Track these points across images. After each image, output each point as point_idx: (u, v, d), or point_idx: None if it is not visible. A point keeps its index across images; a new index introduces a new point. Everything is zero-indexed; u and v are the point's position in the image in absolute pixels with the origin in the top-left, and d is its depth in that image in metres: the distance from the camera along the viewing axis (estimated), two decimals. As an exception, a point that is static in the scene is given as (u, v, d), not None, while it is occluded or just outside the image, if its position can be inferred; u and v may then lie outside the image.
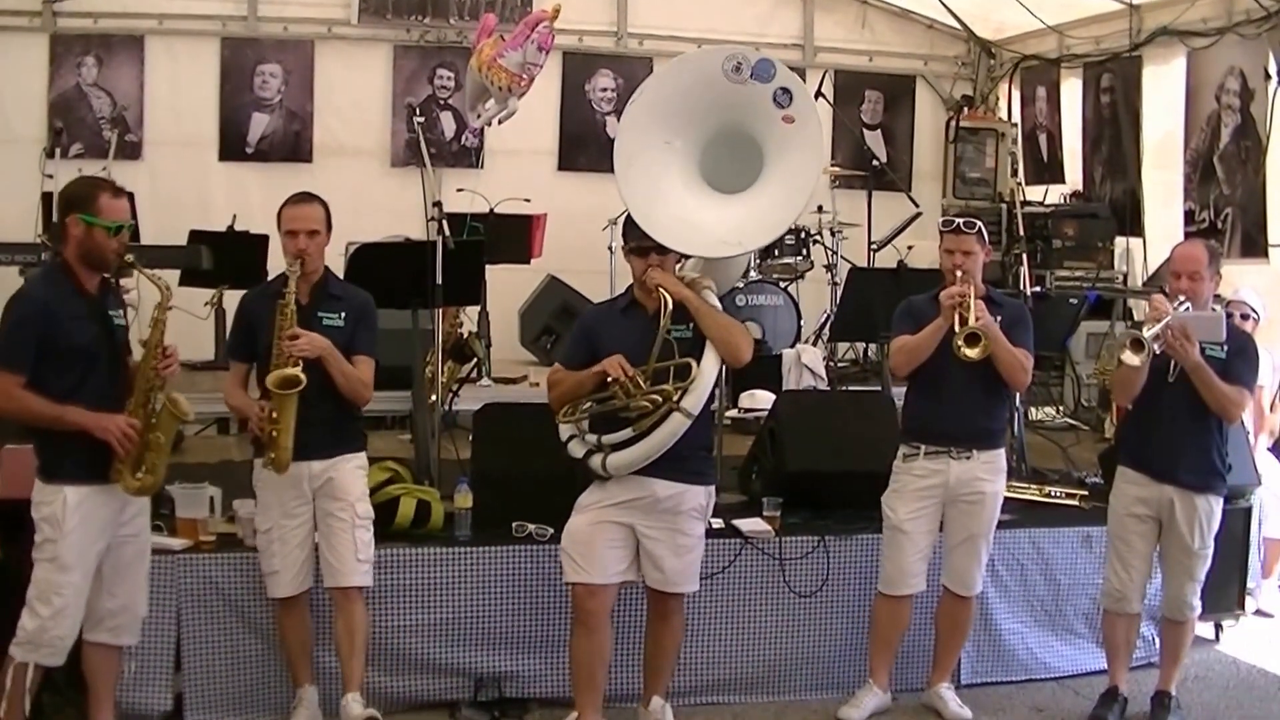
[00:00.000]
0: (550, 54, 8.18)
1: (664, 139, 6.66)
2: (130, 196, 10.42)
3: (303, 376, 6.06)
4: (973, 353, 6.53)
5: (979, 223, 6.92)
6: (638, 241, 6.42)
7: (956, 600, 6.96)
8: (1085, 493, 8.25)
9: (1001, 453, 6.94)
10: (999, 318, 6.75)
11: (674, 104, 6.68)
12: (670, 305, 6.18)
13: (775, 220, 6.88)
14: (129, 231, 5.76)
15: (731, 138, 6.72)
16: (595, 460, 6.26)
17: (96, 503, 5.64)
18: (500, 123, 10.92)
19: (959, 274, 6.71)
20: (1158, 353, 6.44)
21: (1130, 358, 6.41)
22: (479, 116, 8.79)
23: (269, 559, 6.33)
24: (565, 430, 6.41)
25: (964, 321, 6.57)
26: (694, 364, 6.17)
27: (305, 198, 6.47)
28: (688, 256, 6.67)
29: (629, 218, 6.57)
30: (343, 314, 6.37)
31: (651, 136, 6.67)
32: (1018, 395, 9.01)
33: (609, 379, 6.14)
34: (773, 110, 6.58)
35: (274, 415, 6.08)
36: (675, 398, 6.12)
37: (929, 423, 6.79)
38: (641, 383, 6.12)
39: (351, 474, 6.40)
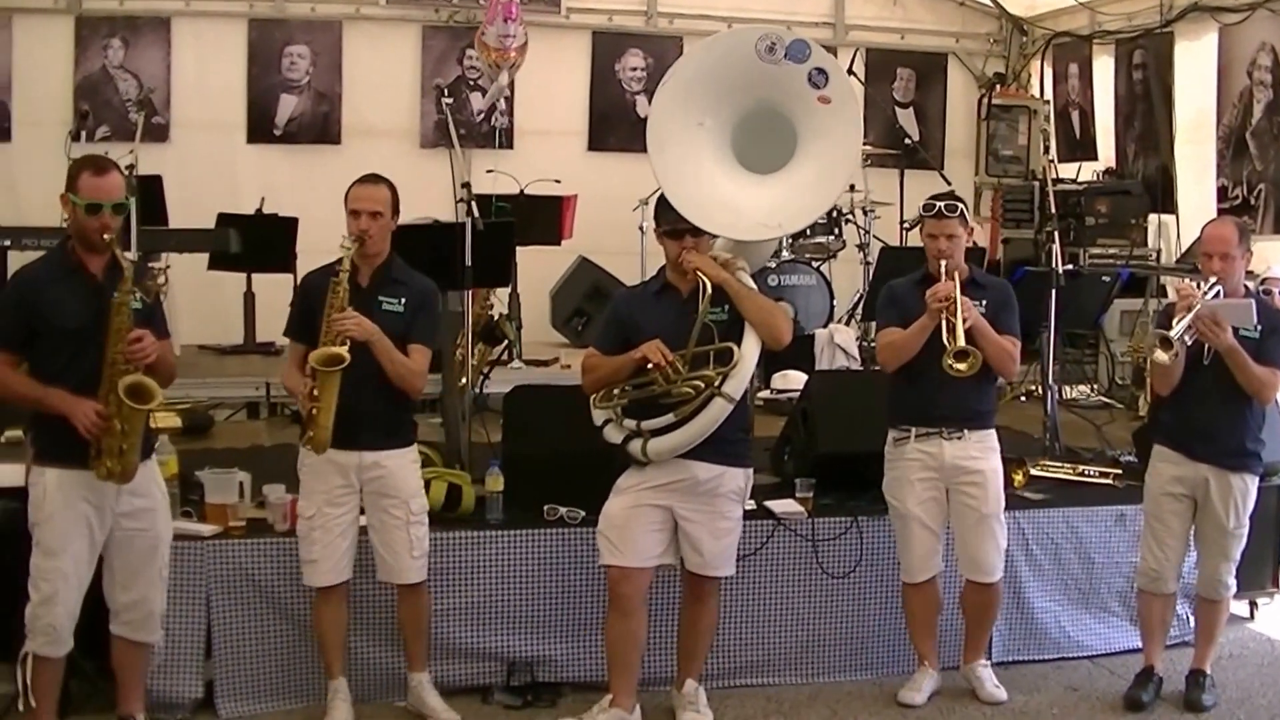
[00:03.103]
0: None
1: (696, 120, 6.56)
2: (158, 179, 10.65)
3: (347, 355, 5.95)
4: (963, 367, 6.45)
5: (961, 205, 6.87)
6: (672, 224, 6.31)
7: (980, 589, 6.85)
8: (1119, 471, 8.21)
9: (993, 432, 6.85)
10: (984, 301, 6.72)
11: (705, 84, 6.56)
12: (709, 289, 6.11)
13: (814, 202, 6.82)
14: (112, 210, 5.55)
15: (763, 118, 6.61)
16: (635, 445, 6.20)
17: (81, 487, 5.53)
18: (496, 103, 11.03)
19: (943, 264, 6.64)
20: (1189, 344, 6.40)
21: (1160, 357, 6.38)
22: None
23: (308, 546, 6.24)
24: (600, 415, 6.36)
25: (951, 329, 6.49)
26: (735, 348, 6.10)
27: (372, 179, 6.37)
28: (717, 237, 6.59)
29: (661, 199, 6.47)
30: (403, 300, 6.28)
31: (684, 118, 6.56)
32: (1051, 373, 9.03)
33: (649, 364, 6.07)
34: (808, 91, 6.48)
35: (314, 393, 5.99)
36: (717, 383, 6.06)
37: (918, 406, 6.69)
38: (681, 368, 6.06)
39: (405, 469, 6.33)
